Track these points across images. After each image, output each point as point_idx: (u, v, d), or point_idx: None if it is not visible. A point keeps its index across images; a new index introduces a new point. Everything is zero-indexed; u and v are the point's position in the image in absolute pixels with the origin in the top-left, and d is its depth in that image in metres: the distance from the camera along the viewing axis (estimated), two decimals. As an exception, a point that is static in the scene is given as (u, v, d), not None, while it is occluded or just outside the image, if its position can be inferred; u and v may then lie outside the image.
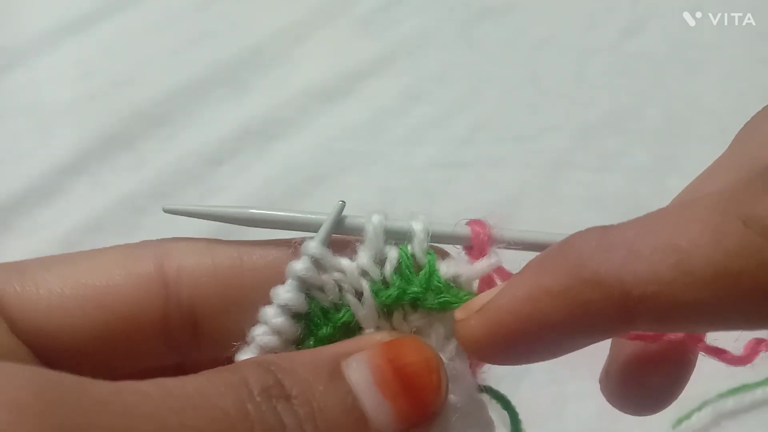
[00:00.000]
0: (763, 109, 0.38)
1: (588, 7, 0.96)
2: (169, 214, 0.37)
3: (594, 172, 0.84)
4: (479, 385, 0.37)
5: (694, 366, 0.38)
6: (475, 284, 0.36)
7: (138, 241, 0.38)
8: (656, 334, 0.35)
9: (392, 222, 0.36)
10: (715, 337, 0.35)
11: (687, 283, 0.26)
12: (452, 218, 0.37)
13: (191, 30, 0.92)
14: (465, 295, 0.35)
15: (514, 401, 0.40)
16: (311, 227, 0.36)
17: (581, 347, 0.30)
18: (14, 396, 0.22)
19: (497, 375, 0.40)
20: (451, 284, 0.35)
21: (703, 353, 0.36)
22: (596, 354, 0.40)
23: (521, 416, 0.40)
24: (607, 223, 0.33)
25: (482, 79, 0.91)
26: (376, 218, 0.36)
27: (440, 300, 0.35)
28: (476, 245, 0.36)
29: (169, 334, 0.36)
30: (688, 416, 0.69)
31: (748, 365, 0.37)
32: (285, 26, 0.93)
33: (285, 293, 0.34)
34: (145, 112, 0.85)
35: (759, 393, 0.71)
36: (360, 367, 0.31)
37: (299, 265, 0.35)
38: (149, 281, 0.35)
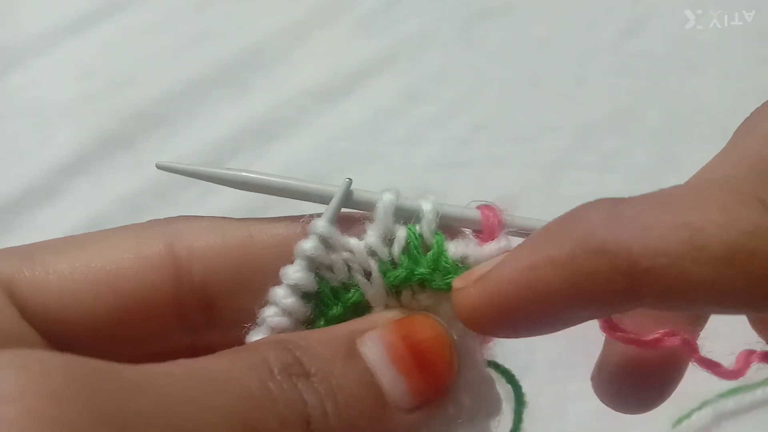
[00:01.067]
0: (761, 106, 0.38)
1: (588, 7, 0.96)
2: (168, 214, 0.37)
3: (594, 172, 0.84)
4: (487, 361, 0.37)
5: (685, 369, 0.38)
6: None
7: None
8: (652, 341, 0.35)
9: (402, 200, 0.36)
10: (710, 349, 0.35)
11: (698, 258, 0.26)
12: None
13: (191, 30, 0.92)
14: None
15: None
16: (308, 196, 0.36)
17: (581, 321, 0.30)
18: (49, 384, 0.22)
19: (496, 374, 0.40)
20: (459, 265, 0.35)
21: (696, 365, 0.36)
22: (597, 354, 0.40)
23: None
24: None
25: (482, 79, 0.90)
26: (387, 197, 0.35)
27: (448, 281, 0.35)
28: (486, 229, 0.36)
29: (182, 315, 0.36)
30: (688, 416, 0.69)
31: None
32: (285, 26, 0.92)
33: (294, 273, 0.34)
34: (145, 112, 0.85)
35: (759, 393, 0.71)
36: (375, 344, 0.31)
37: (307, 245, 0.34)
38: (160, 263, 0.35)
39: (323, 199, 0.36)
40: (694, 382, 0.38)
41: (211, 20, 0.93)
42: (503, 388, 0.38)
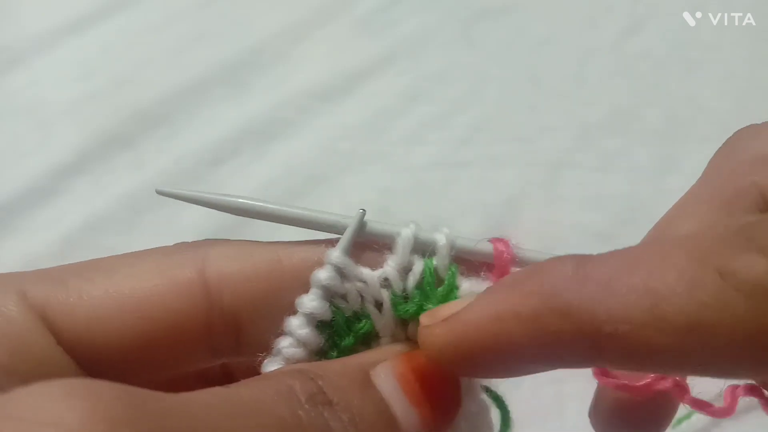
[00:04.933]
0: (733, 135, 0.38)
1: (588, 7, 0.96)
2: (168, 214, 0.37)
3: (594, 172, 0.84)
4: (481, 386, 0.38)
5: (677, 407, 0.38)
6: None
7: (141, 244, 0.38)
8: (643, 386, 0.35)
9: (419, 232, 0.36)
10: (699, 391, 0.36)
11: (659, 328, 0.26)
12: (452, 219, 0.37)
13: (191, 30, 0.92)
14: None
15: (514, 401, 0.40)
16: (321, 226, 0.36)
17: (543, 371, 0.31)
18: (108, 411, 0.24)
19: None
20: None
21: (688, 406, 0.36)
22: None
23: (521, 415, 0.40)
24: (606, 224, 0.33)
25: (482, 79, 0.91)
26: (405, 233, 0.36)
27: None
28: (498, 264, 0.36)
29: (212, 340, 0.36)
30: (688, 416, 0.69)
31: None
32: (285, 26, 0.93)
33: (310, 302, 0.35)
34: (145, 112, 0.85)
35: (759, 393, 0.71)
36: (387, 376, 0.32)
37: (323, 274, 0.35)
38: (192, 290, 0.35)
39: (336, 229, 0.36)
40: (694, 382, 0.39)
41: (211, 20, 0.93)
42: (494, 410, 0.38)
